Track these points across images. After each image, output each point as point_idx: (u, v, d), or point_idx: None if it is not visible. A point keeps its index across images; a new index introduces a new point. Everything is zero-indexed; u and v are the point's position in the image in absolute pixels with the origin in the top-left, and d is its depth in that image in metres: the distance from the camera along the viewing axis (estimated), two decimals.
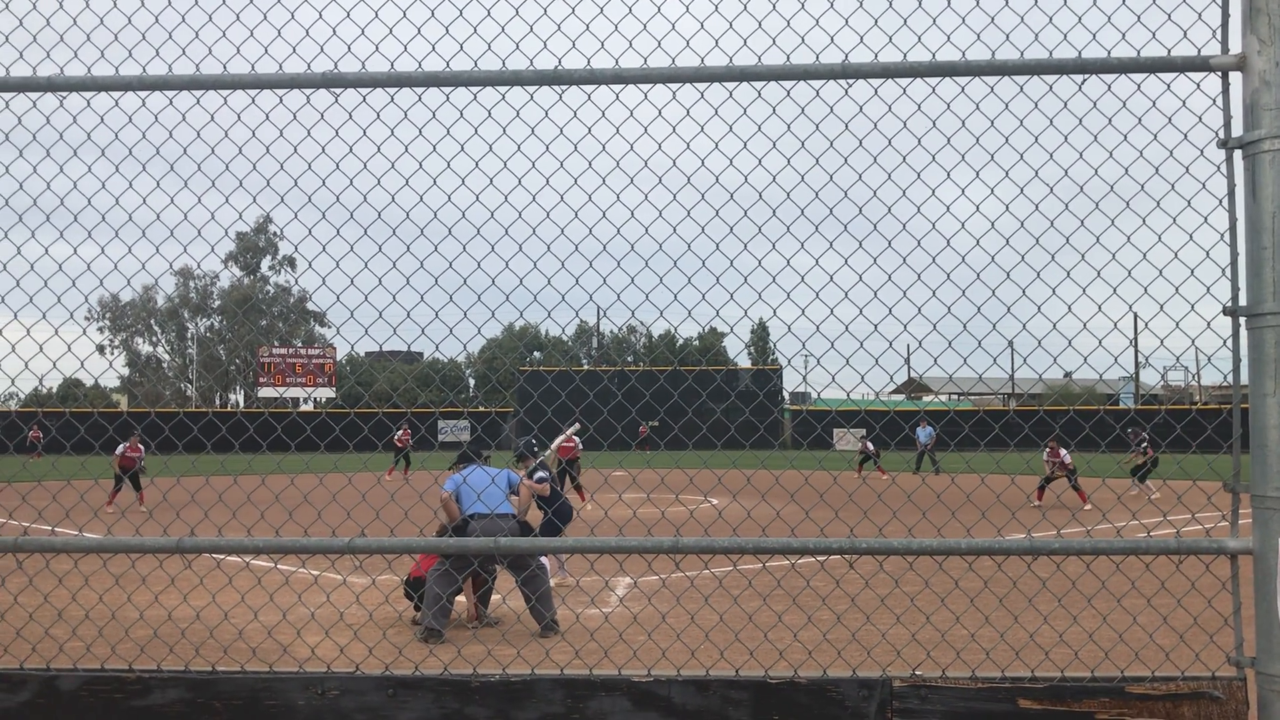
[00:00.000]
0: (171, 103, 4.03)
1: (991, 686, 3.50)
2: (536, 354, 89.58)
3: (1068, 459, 22.64)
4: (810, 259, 3.90)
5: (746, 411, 5.35)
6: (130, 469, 22.22)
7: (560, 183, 3.85)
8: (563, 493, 12.94)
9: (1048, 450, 23.46)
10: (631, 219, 3.94)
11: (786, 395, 68.32)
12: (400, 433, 35.60)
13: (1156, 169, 3.70)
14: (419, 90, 3.92)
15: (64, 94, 3.98)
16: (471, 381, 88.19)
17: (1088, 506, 21.55)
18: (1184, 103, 3.65)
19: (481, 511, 9.85)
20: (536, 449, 13.27)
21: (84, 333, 4.84)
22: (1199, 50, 3.59)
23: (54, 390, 73.15)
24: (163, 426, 5.57)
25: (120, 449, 22.29)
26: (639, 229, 3.95)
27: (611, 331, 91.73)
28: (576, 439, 24.75)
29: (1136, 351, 53.97)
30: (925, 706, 3.50)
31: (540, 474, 12.58)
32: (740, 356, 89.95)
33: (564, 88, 3.87)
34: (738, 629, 5.89)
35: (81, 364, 4.61)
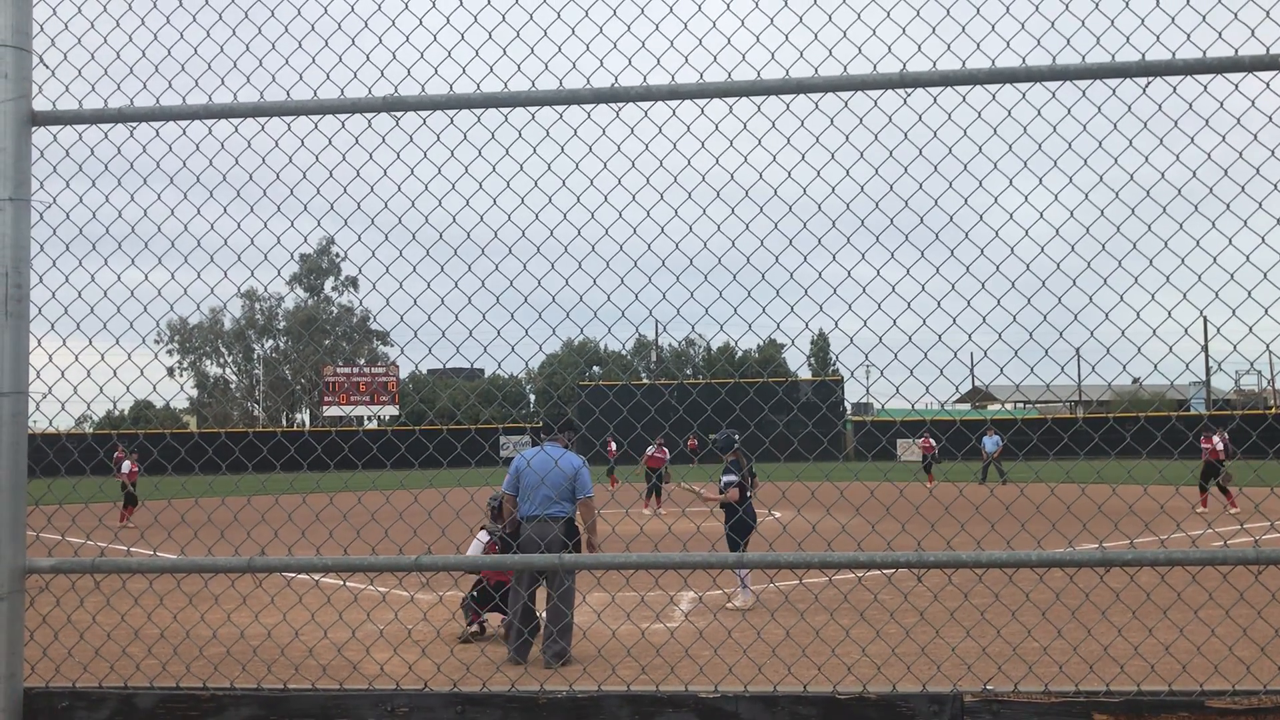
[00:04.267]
0: (237, 130, 4.12)
1: (1065, 700, 3.44)
2: (596, 369, 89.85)
3: (1220, 446, 21.08)
4: (871, 269, 3.88)
5: (810, 424, 5.32)
6: (133, 483, 23.89)
7: (618, 199, 3.87)
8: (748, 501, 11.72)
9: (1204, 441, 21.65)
10: (690, 233, 3.94)
11: (849, 406, 67.76)
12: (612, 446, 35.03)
13: (1225, 171, 3.62)
14: (478, 111, 3.97)
15: (134, 124, 4.09)
16: (532, 397, 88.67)
17: (1234, 509, 20.76)
18: (1253, 103, 3.58)
19: (531, 514, 9.21)
20: (737, 441, 12.16)
21: (155, 357, 4.95)
22: (1267, 49, 3.51)
23: (126, 413, 74.73)
24: (232, 447, 5.70)
25: (125, 467, 23.88)
26: (697, 243, 3.96)
27: (671, 345, 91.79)
28: (667, 450, 26.11)
29: (1208, 357, 52.71)
30: None
31: (728, 477, 11.65)
32: (801, 369, 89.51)
33: (620, 105, 3.89)
34: (805, 644, 5.84)
35: (154, 387, 4.72)
